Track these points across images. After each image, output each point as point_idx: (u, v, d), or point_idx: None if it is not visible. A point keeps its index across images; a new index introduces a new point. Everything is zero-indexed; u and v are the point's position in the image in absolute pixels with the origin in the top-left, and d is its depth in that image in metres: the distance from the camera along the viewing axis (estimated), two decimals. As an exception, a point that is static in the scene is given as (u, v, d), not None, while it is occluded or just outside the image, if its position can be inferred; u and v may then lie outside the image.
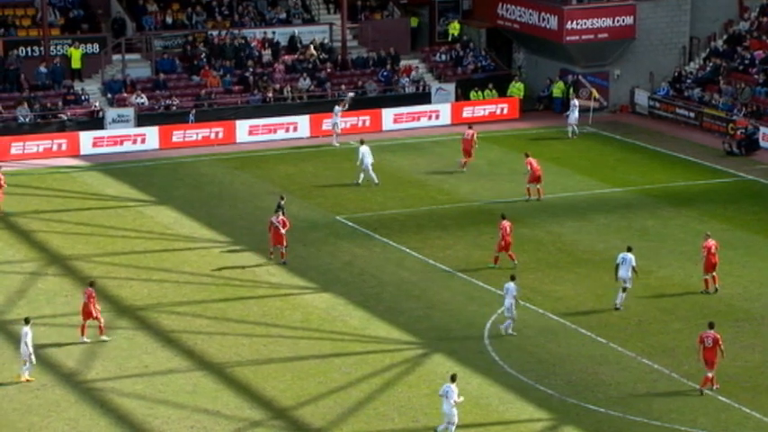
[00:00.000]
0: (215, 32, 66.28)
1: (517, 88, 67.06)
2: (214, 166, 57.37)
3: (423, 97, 65.69)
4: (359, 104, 64.05)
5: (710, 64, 65.50)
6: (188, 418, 33.84)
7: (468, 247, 46.76)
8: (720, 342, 35.17)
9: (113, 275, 43.66)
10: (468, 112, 64.92)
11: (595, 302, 41.78)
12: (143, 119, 61.32)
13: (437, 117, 64.23)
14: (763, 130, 59.44)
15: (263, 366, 36.92)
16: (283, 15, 68.87)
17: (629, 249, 41.04)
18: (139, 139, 60.23)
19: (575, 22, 65.44)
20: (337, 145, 60.00)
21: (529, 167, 51.62)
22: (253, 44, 66.50)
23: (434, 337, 39.11)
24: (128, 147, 59.76)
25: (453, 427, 32.74)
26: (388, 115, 63.63)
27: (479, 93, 66.70)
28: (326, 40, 67.95)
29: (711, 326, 35.70)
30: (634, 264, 40.56)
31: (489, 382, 36.03)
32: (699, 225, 48.80)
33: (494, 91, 66.73)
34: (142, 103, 62.12)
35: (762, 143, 59.17)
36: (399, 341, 38.96)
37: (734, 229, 48.48)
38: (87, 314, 38.17)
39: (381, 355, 37.88)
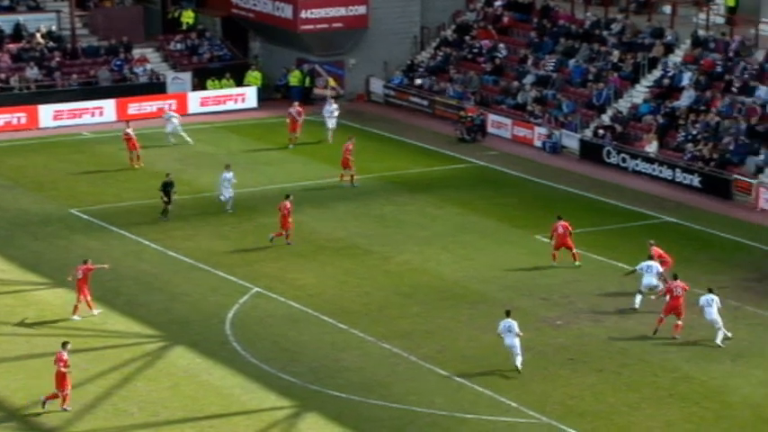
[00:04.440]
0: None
1: (254, 77, 67.07)
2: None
3: (158, 87, 64.97)
4: (91, 95, 62.87)
5: (441, 53, 66.98)
6: None
7: (210, 238, 46.55)
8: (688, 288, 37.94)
9: None
10: (206, 101, 64.61)
11: (337, 289, 42.20)
12: None
13: (171, 107, 63.57)
14: (492, 117, 61.17)
15: (-3, 366, 35.94)
16: (7, 2, 66.90)
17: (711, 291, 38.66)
18: None
19: (309, 11, 65.83)
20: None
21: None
22: (-24, 33, 64.47)
23: (176, 329, 38.82)
24: None
25: (518, 358, 35.62)
26: (123, 105, 62.71)
27: (216, 82, 66.41)
28: (54, 28, 66.36)
29: (676, 277, 38.15)
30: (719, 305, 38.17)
31: (232, 373, 35.99)
32: (435, 210, 49.91)
33: (231, 80, 66.55)
34: None
35: (490, 130, 60.88)
36: (140, 335, 38.49)
37: (468, 214, 49.74)
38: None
39: (120, 349, 37.35)
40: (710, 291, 38.31)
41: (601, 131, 57.47)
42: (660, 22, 61.52)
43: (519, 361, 36.16)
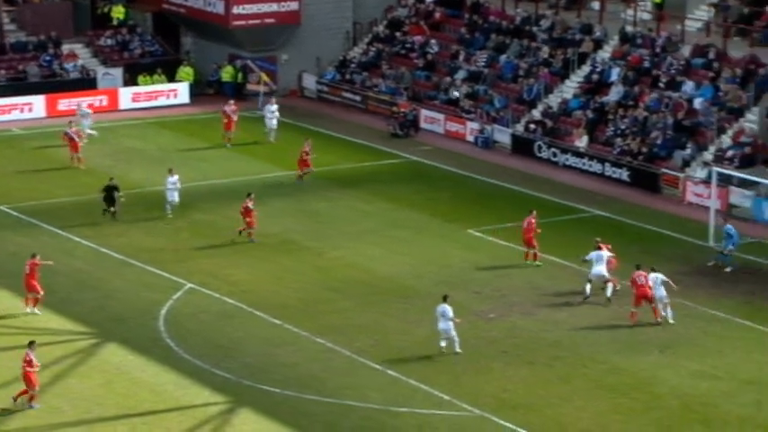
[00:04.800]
0: None
1: (186, 73, 66.92)
2: None
3: (88, 83, 64.62)
4: (20, 91, 62.39)
5: (373, 49, 67.23)
6: None
7: (143, 235, 46.48)
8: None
9: None
10: (137, 96, 64.38)
11: (271, 285, 42.32)
12: None
13: (101, 102, 63.25)
14: (424, 112, 61.51)
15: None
16: (-68, -2, 66.38)
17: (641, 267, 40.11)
18: None
19: (241, 6, 65.78)
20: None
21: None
22: None
23: (109, 326, 38.77)
24: None
25: (455, 343, 36.43)
26: (53, 101, 62.29)
27: (148, 77, 66.18)
28: (-19, 24, 65.87)
29: (638, 267, 39.32)
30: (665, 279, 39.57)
31: (165, 369, 36.02)
32: (366, 206, 50.16)
33: (162, 76, 66.34)
34: None
35: (423, 125, 61.24)
36: (72, 332, 38.40)
37: (401, 209, 50.03)
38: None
39: (53, 347, 37.18)
40: (653, 270, 39.53)
41: (532, 126, 58.03)
42: (589, 19, 62.18)
43: (455, 346, 36.76)
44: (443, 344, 36.95)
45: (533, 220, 43.91)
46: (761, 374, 35.84)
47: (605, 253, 41.02)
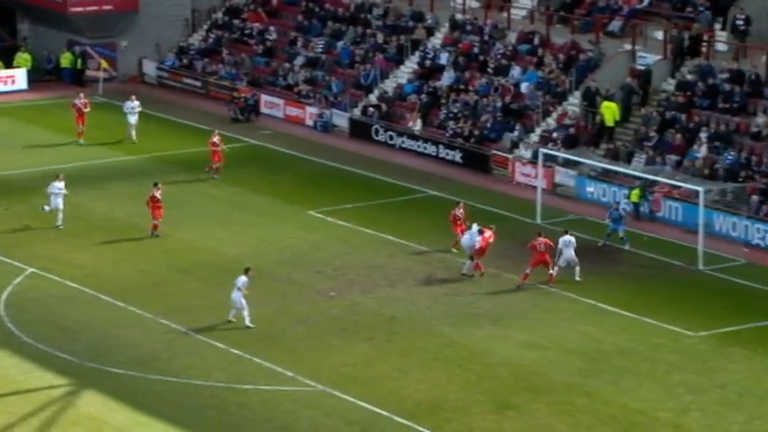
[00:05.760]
0: None
1: (24, 59, 66.51)
2: None
3: None
4: None
5: (213, 35, 67.82)
6: None
7: (-17, 220, 46.42)
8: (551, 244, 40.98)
9: None
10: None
11: (114, 268, 42.71)
12: None
13: None
14: (264, 97, 62.39)
15: None
16: None
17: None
18: None
19: (79, -7, 65.71)
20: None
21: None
22: None
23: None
24: None
25: (244, 313, 37.38)
26: None
27: (-16, 64, 65.68)
28: None
29: (540, 234, 41.43)
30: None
31: (8, 354, 36.03)
32: (211, 189, 50.79)
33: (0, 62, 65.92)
34: None
35: (263, 110, 62.14)
36: None
37: (245, 192, 50.81)
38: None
39: None
40: (566, 232, 42.08)
41: (369, 110, 59.32)
42: (420, 6, 63.52)
43: (236, 315, 37.82)
44: (232, 314, 37.89)
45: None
46: (585, 344, 37.43)
47: (571, 239, 41.94)
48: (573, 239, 41.98)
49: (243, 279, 38.12)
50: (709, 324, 38.82)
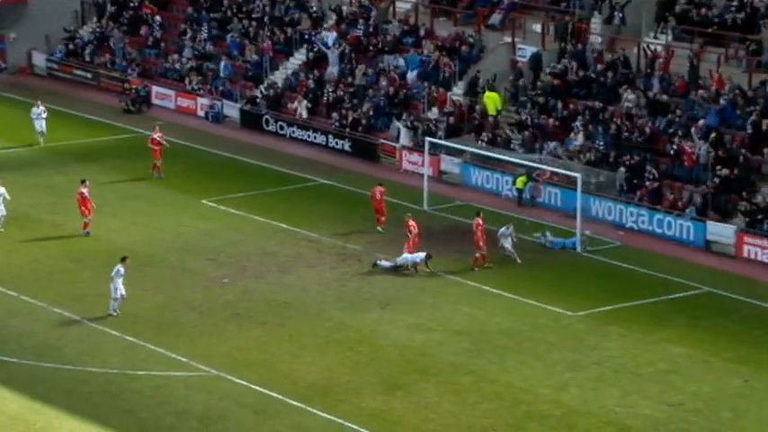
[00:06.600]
0: None
1: None
2: None
3: None
4: None
5: (102, 27, 67.86)
6: None
7: None
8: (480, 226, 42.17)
9: None
10: None
11: (6, 258, 42.92)
12: None
13: None
14: (155, 88, 62.75)
15: None
16: None
17: None
18: None
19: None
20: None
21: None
22: None
23: None
24: None
25: (115, 303, 37.76)
26: None
27: None
28: None
29: (478, 213, 42.74)
30: None
31: None
32: (103, 179, 50.93)
33: None
34: None
35: (155, 101, 62.50)
36: None
37: (136, 182, 51.21)
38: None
39: None
40: (507, 226, 43.41)
41: (258, 101, 59.90)
42: (307, -1, 64.16)
43: (112, 306, 38.36)
44: (111, 307, 38.40)
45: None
46: (471, 325, 38.56)
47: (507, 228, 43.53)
48: (511, 230, 43.39)
49: (118, 268, 38.53)
50: (587, 304, 40.20)
